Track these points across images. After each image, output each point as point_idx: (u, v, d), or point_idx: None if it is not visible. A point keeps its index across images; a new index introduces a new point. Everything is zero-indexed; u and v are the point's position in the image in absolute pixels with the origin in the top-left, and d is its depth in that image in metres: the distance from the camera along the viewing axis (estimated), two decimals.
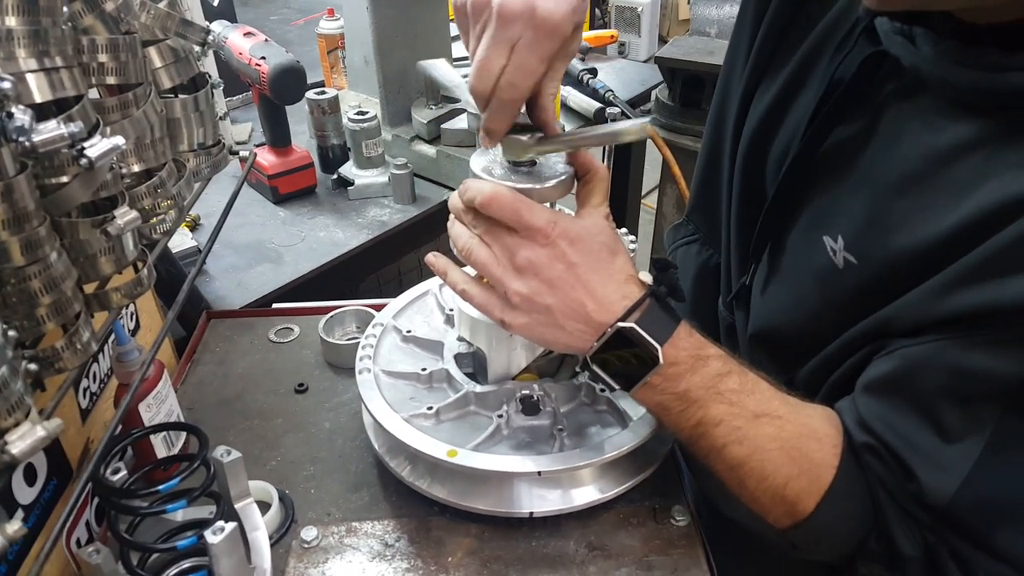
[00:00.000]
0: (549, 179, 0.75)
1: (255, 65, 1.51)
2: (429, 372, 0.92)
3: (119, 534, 0.74)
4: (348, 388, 1.07)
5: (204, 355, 1.15)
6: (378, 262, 1.68)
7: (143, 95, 0.71)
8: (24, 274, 0.56)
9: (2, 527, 0.46)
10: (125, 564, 0.73)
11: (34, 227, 0.55)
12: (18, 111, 0.52)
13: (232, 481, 0.77)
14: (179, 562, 0.77)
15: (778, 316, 0.82)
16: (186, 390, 1.08)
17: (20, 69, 0.57)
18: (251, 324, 1.21)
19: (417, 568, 0.82)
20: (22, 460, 0.52)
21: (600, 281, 0.69)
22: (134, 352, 0.85)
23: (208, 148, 0.88)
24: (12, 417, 0.52)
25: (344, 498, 0.91)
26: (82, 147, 0.58)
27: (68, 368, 0.61)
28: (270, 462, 0.96)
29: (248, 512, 0.80)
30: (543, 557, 0.82)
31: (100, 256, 0.66)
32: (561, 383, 0.89)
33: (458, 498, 0.85)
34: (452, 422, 0.88)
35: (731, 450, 0.70)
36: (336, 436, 1.00)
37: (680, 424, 0.72)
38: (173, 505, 0.75)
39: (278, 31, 2.60)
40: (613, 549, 0.82)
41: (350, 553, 0.83)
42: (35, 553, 0.77)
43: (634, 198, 2.47)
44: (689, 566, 0.81)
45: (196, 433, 0.83)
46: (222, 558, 0.68)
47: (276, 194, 1.66)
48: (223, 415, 1.04)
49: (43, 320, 0.59)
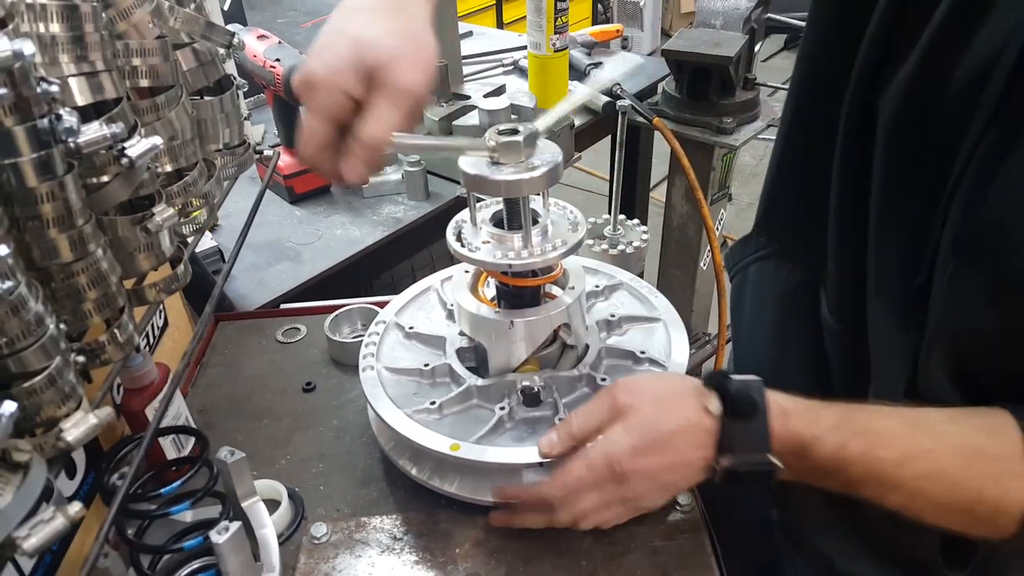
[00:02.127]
0: (537, 169, 0.78)
1: (270, 67, 1.54)
2: (432, 367, 0.94)
3: (126, 537, 0.75)
4: (355, 386, 1.08)
5: (213, 357, 1.17)
6: (393, 259, 1.70)
7: (175, 97, 0.74)
8: (71, 270, 0.59)
9: (64, 508, 0.48)
10: (136, 567, 0.74)
11: (81, 225, 0.57)
12: (66, 113, 0.54)
13: (237, 481, 0.79)
14: (189, 563, 0.79)
15: (978, 312, 0.67)
16: (197, 392, 1.10)
17: (63, 73, 0.60)
18: (259, 325, 1.23)
19: (426, 560, 0.83)
20: (76, 447, 0.55)
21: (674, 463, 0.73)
22: (139, 357, 0.87)
23: (233, 148, 0.90)
24: (66, 406, 0.55)
25: (353, 494, 0.93)
26: (123, 147, 0.61)
27: (113, 360, 0.64)
28: (279, 461, 0.98)
29: (255, 511, 0.81)
30: (549, 546, 0.84)
31: (138, 253, 0.69)
32: (562, 374, 0.91)
33: (465, 491, 0.87)
34: (455, 416, 0.89)
35: (890, 499, 0.69)
36: (344, 433, 1.02)
37: (829, 487, 0.72)
38: (177, 507, 0.77)
39: (286, 34, 2.61)
40: (618, 537, 0.83)
41: (359, 548, 0.85)
42: (78, 544, 0.80)
43: (643, 191, 2.49)
44: (695, 552, 0.83)
45: (197, 435, 0.85)
46: (229, 557, 0.70)
47: (292, 193, 1.69)
48: (233, 416, 1.06)
49: (89, 314, 0.61)
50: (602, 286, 1.04)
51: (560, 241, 0.84)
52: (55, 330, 0.54)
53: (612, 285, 1.05)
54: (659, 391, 0.78)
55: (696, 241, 2.19)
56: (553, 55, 1.93)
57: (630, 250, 1.63)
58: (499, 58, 2.29)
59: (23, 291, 0.50)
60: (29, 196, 0.54)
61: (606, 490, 0.74)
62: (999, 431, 0.66)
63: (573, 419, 0.77)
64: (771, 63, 5.46)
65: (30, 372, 0.52)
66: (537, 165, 0.78)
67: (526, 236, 0.83)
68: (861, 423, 0.70)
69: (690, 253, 2.21)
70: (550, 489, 0.76)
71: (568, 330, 0.92)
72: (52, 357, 0.54)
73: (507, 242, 0.84)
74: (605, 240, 1.65)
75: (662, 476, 0.74)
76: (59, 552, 0.76)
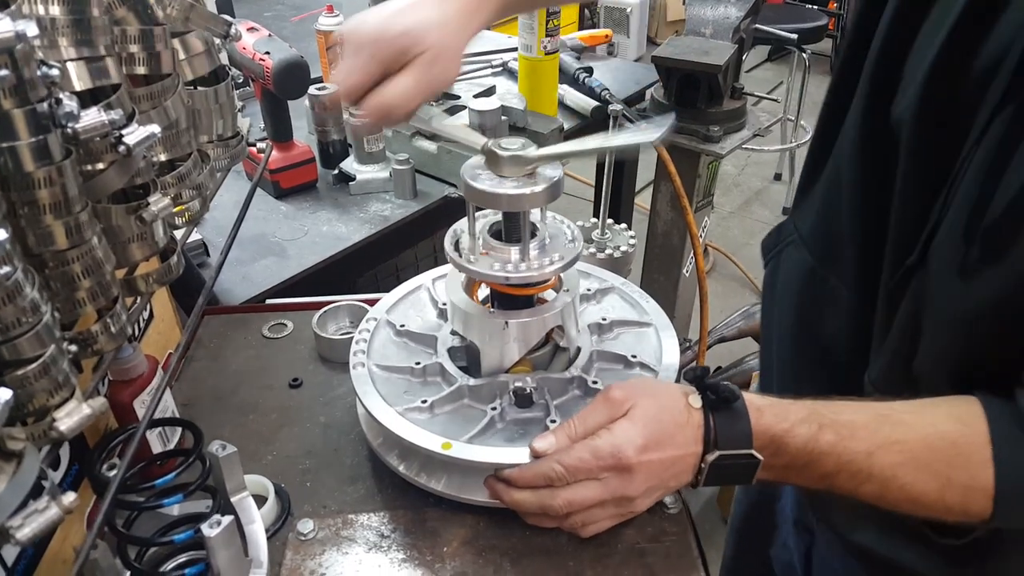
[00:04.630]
0: (538, 184, 0.80)
1: (259, 60, 1.52)
2: (423, 366, 0.93)
3: (116, 528, 0.74)
4: (342, 382, 1.08)
5: (198, 351, 1.15)
6: (378, 257, 1.69)
7: (171, 86, 0.73)
8: (66, 257, 0.58)
9: (59, 499, 0.47)
10: (122, 558, 0.74)
11: (77, 212, 0.56)
12: (66, 97, 0.53)
13: (228, 475, 0.78)
14: (176, 556, 0.79)
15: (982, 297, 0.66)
16: (181, 386, 1.08)
17: (62, 57, 0.59)
18: (244, 320, 1.22)
19: (413, 559, 0.83)
20: (69, 436, 0.54)
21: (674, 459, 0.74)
22: (128, 348, 0.86)
23: (227, 140, 0.89)
24: (58, 395, 0.54)
25: (340, 491, 0.92)
26: (120, 134, 0.60)
27: (104, 351, 0.63)
28: (266, 456, 0.97)
29: (244, 505, 0.81)
30: (537, 547, 0.84)
31: (131, 242, 0.68)
32: (554, 376, 0.91)
33: (453, 490, 0.86)
34: (446, 415, 0.89)
35: (864, 489, 0.71)
36: (331, 430, 1.01)
37: (806, 483, 0.74)
38: (170, 500, 0.76)
39: (273, 27, 2.60)
40: (605, 538, 0.83)
41: (346, 545, 0.84)
42: (61, 535, 0.79)
43: (628, 196, 2.50)
44: (681, 553, 0.83)
45: (192, 429, 0.84)
46: (219, 551, 0.69)
47: (278, 188, 1.67)
48: (218, 410, 1.04)
49: (82, 303, 0.60)
50: (594, 290, 1.04)
51: (558, 256, 0.85)
52: (50, 318, 0.53)
53: (604, 289, 1.05)
54: (650, 388, 0.79)
55: (680, 247, 2.20)
56: (544, 58, 1.93)
57: (618, 254, 1.64)
58: (488, 59, 2.29)
59: (20, 277, 0.50)
60: (26, 181, 0.53)
61: (608, 483, 0.74)
62: (967, 420, 0.68)
63: (573, 423, 0.77)
64: (754, 74, 5.51)
65: (23, 360, 0.52)
66: (538, 180, 0.80)
67: (524, 249, 0.84)
68: (829, 416, 0.72)
69: (674, 259, 2.23)
70: (550, 466, 0.75)
71: (561, 332, 0.92)
72: (46, 345, 0.53)
73: (505, 254, 0.85)
74: (593, 244, 1.66)
75: (663, 473, 0.74)
76: (41, 543, 0.75)
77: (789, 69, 4.10)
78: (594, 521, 0.78)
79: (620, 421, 0.74)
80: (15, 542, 0.46)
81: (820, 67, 5.34)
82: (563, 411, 0.88)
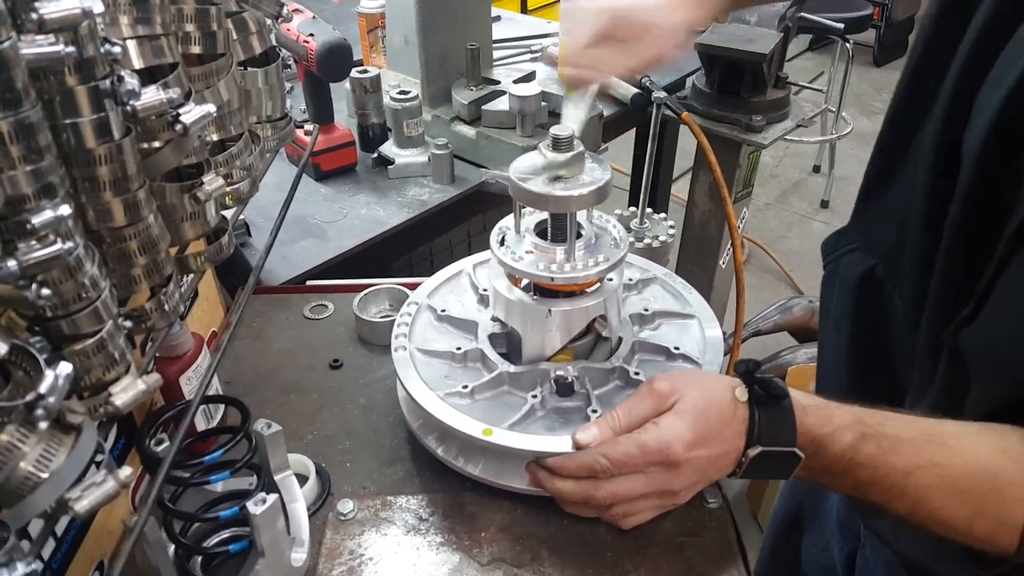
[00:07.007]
0: (586, 186, 0.80)
1: (303, 42, 1.53)
2: (464, 351, 0.93)
3: (164, 503, 0.76)
4: (382, 365, 1.08)
5: (240, 329, 1.16)
6: (415, 241, 1.69)
7: (225, 66, 0.73)
8: (123, 234, 0.58)
9: (115, 472, 0.48)
10: (168, 532, 0.75)
11: (135, 189, 0.57)
12: (127, 75, 0.53)
13: (272, 453, 0.79)
14: (220, 531, 0.80)
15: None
16: (224, 364, 1.09)
17: (122, 36, 0.59)
18: (286, 300, 1.23)
19: (451, 542, 0.83)
20: (124, 411, 0.55)
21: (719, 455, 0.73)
22: (176, 326, 0.87)
23: (275, 121, 0.90)
24: (115, 370, 0.55)
25: (379, 472, 0.93)
26: (177, 113, 0.60)
27: (158, 328, 0.64)
28: (306, 436, 0.98)
29: (287, 484, 0.82)
30: (575, 536, 0.84)
31: (184, 221, 0.68)
32: (595, 365, 0.90)
33: (491, 475, 0.86)
34: (486, 401, 0.89)
35: (894, 505, 0.71)
36: (370, 412, 1.01)
37: (838, 488, 0.75)
38: (217, 476, 0.77)
39: (315, 9, 2.61)
40: (644, 530, 0.83)
41: (385, 526, 0.85)
42: (108, 508, 0.80)
43: (665, 186, 2.47)
44: (720, 548, 0.83)
45: (239, 406, 0.85)
46: (264, 528, 0.70)
47: (318, 171, 1.68)
48: (260, 389, 1.05)
49: (138, 280, 0.61)
50: (635, 279, 1.04)
51: (603, 257, 0.85)
52: (108, 294, 0.54)
53: (646, 279, 1.04)
54: (696, 380, 0.78)
55: (717, 238, 2.17)
56: None
57: (656, 244, 1.63)
58: (527, 44, 2.27)
59: (81, 253, 0.50)
60: (87, 158, 0.53)
61: (653, 477, 0.74)
62: (1012, 454, 0.67)
63: (616, 414, 0.77)
64: (795, 63, 5.42)
65: (82, 335, 0.52)
66: (587, 182, 0.81)
67: (570, 250, 0.84)
68: (874, 427, 0.70)
69: (711, 250, 2.20)
70: (595, 458, 0.75)
71: (604, 322, 0.91)
72: (104, 321, 0.53)
73: (550, 254, 0.85)
74: (632, 233, 1.64)
75: (708, 467, 0.74)
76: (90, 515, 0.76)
77: (831, 59, 4.02)
78: (636, 512, 0.78)
79: (667, 415, 0.74)
80: (73, 513, 0.46)
81: (862, 58, 5.23)
82: (604, 401, 0.87)
